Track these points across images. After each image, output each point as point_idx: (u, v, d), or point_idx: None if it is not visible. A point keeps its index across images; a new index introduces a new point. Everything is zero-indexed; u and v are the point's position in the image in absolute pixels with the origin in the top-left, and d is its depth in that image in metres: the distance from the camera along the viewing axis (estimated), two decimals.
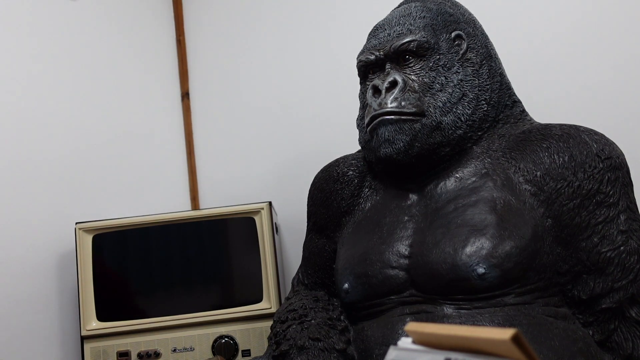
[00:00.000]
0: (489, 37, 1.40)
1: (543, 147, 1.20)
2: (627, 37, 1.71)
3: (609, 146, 1.18)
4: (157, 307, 1.72)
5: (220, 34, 2.26)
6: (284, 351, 1.22)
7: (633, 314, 1.13)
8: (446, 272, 1.12)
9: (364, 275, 1.23)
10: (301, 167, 2.06)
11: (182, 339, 1.70)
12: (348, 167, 1.43)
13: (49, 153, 1.91)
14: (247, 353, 1.69)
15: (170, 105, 2.25)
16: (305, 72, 2.12)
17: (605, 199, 1.14)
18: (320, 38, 2.11)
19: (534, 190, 1.17)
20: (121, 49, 2.16)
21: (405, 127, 1.24)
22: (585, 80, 1.75)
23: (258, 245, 1.74)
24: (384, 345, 1.13)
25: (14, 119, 1.84)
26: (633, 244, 1.14)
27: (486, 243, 1.11)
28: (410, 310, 1.16)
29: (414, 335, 0.67)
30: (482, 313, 1.09)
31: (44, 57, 1.95)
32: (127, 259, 1.79)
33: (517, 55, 1.76)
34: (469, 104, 1.27)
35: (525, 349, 0.57)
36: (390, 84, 1.26)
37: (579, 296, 1.15)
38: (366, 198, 1.38)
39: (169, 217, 1.77)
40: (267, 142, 2.15)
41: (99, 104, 2.07)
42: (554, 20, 1.80)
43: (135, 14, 2.22)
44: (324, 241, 1.44)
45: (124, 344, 1.69)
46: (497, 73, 1.34)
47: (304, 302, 1.32)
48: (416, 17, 1.31)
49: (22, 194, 1.82)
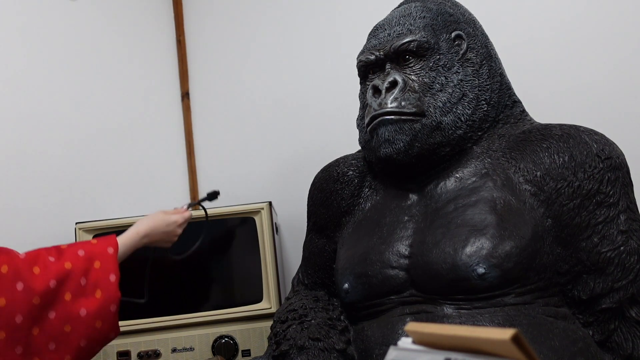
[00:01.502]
0: (489, 37, 1.40)
1: (543, 147, 1.20)
2: (626, 36, 1.71)
3: (609, 146, 1.18)
4: (157, 307, 1.72)
5: (220, 34, 2.26)
6: (284, 351, 1.22)
7: (633, 314, 1.13)
8: (446, 272, 1.12)
9: (364, 275, 1.23)
10: (301, 167, 2.06)
11: (182, 339, 1.70)
12: (348, 167, 1.43)
13: (49, 153, 1.91)
14: (247, 353, 1.69)
15: (170, 105, 2.25)
16: (305, 72, 2.12)
17: (605, 199, 1.14)
18: (320, 38, 2.11)
19: (534, 190, 1.17)
20: (121, 49, 2.16)
21: (405, 127, 1.24)
22: (585, 79, 1.75)
23: (258, 245, 1.73)
24: (384, 345, 1.13)
25: (14, 119, 1.84)
26: (633, 244, 1.14)
27: (486, 243, 1.11)
28: (410, 310, 1.16)
29: (414, 335, 0.67)
30: (482, 313, 1.09)
31: (44, 57, 1.95)
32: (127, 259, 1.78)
33: (517, 54, 1.76)
34: (469, 104, 1.27)
35: (525, 349, 0.57)
36: (390, 84, 1.26)
37: (579, 296, 1.14)
38: (366, 198, 1.38)
39: None
40: (267, 142, 2.15)
41: (99, 104, 2.07)
42: (554, 20, 1.80)
43: (135, 14, 2.22)
44: (324, 241, 1.44)
45: (124, 344, 1.69)
46: (497, 73, 1.34)
47: (304, 302, 1.32)
48: (416, 17, 1.31)
49: (22, 194, 1.82)
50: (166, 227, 1.46)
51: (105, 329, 1.27)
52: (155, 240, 1.45)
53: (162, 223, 1.45)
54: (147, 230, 1.42)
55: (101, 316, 1.26)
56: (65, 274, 1.24)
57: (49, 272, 1.23)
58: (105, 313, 1.27)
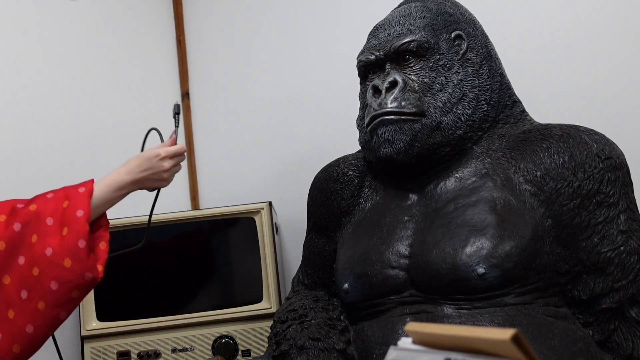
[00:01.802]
0: (489, 37, 1.40)
1: (543, 147, 1.20)
2: (626, 36, 1.71)
3: (609, 146, 1.18)
4: (157, 307, 1.72)
5: (220, 34, 2.26)
6: (284, 351, 1.22)
7: (633, 314, 1.13)
8: (446, 272, 1.12)
9: (364, 275, 1.23)
10: (301, 167, 2.06)
11: (182, 339, 1.70)
12: (348, 167, 1.42)
13: (48, 153, 1.90)
14: (247, 353, 1.69)
15: (170, 105, 2.25)
16: (305, 71, 2.12)
17: (605, 199, 1.14)
18: (320, 38, 2.11)
19: (534, 190, 1.17)
20: (121, 49, 2.16)
21: (405, 127, 1.24)
22: (585, 79, 1.75)
23: (258, 245, 1.73)
24: (384, 345, 1.13)
25: (13, 119, 1.84)
26: (633, 244, 1.14)
27: (486, 243, 1.11)
28: (410, 310, 1.16)
29: (414, 335, 0.67)
30: (482, 313, 1.09)
31: (44, 57, 1.95)
32: (127, 259, 1.78)
33: (517, 54, 1.76)
34: (469, 104, 1.27)
35: (525, 349, 0.57)
36: (390, 84, 1.26)
37: (579, 296, 1.14)
38: (366, 198, 1.38)
39: (169, 217, 1.77)
40: (267, 142, 2.15)
41: (99, 104, 2.06)
42: (553, 19, 1.80)
43: (135, 14, 2.22)
44: (324, 241, 1.44)
45: (124, 344, 1.69)
46: (497, 73, 1.34)
47: (304, 302, 1.32)
48: (416, 17, 1.31)
49: (22, 194, 1.82)
50: (147, 162, 1.31)
51: (76, 268, 1.16)
52: (139, 179, 1.31)
53: (143, 159, 1.32)
54: (128, 168, 1.30)
55: (69, 253, 1.16)
56: (31, 216, 1.17)
57: (15, 217, 1.16)
58: (74, 249, 1.16)
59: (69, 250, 1.16)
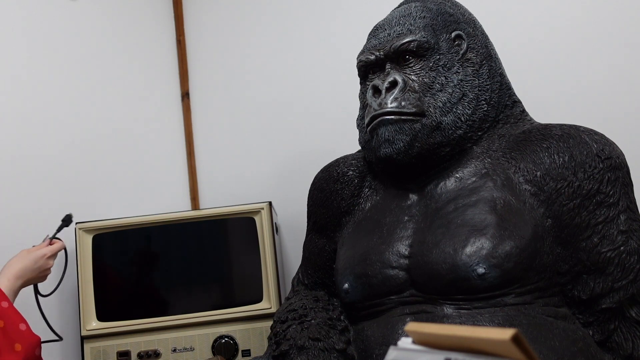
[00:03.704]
0: (489, 37, 1.40)
1: (543, 147, 1.20)
2: (626, 36, 1.71)
3: (609, 146, 1.18)
4: (157, 307, 1.72)
5: (220, 34, 2.26)
6: (284, 351, 1.22)
7: (633, 314, 1.13)
8: (446, 272, 1.12)
9: (364, 275, 1.23)
10: (301, 167, 2.06)
11: (182, 339, 1.70)
12: (348, 167, 1.43)
13: (48, 153, 1.90)
14: (247, 353, 1.69)
15: (170, 105, 2.25)
16: (305, 72, 2.12)
17: (605, 199, 1.14)
18: (320, 38, 2.11)
19: (534, 190, 1.17)
20: (121, 49, 2.16)
21: (405, 127, 1.24)
22: (585, 79, 1.75)
23: (258, 245, 1.73)
24: (384, 345, 1.13)
25: (13, 119, 1.84)
26: (633, 244, 1.14)
27: (486, 243, 1.11)
28: (410, 310, 1.16)
29: (414, 335, 0.67)
30: (482, 313, 1.09)
31: (44, 57, 1.95)
32: (127, 259, 1.79)
33: (518, 55, 1.76)
34: (469, 104, 1.27)
35: (525, 349, 0.57)
36: (390, 84, 1.26)
37: (579, 296, 1.15)
38: (366, 198, 1.38)
39: (169, 217, 1.77)
40: (267, 142, 2.15)
41: (99, 103, 2.06)
42: (554, 20, 1.80)
43: (135, 14, 2.22)
44: (324, 241, 1.44)
45: (124, 344, 1.69)
46: (497, 73, 1.34)
47: (304, 302, 1.32)
48: (416, 17, 1.31)
49: (22, 194, 1.82)
50: (35, 264, 1.48)
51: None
52: (29, 279, 1.47)
53: (30, 261, 1.48)
54: (17, 272, 1.43)
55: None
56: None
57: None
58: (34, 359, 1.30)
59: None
